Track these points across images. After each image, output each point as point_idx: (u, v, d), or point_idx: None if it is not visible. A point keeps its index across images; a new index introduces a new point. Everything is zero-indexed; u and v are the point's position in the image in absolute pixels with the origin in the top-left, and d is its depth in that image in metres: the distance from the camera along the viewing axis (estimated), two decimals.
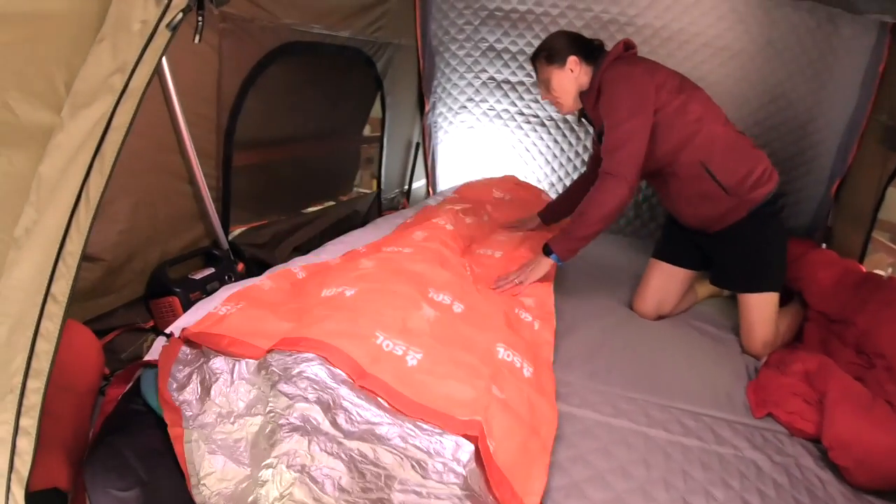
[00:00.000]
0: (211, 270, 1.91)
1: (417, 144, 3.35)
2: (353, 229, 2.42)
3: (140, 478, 1.13)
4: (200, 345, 1.33)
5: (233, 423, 1.19)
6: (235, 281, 1.91)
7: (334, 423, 1.08)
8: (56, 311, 1.06)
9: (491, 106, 3.28)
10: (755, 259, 1.96)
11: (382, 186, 3.09)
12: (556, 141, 3.18)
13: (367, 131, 3.05)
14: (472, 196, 2.83)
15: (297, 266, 1.78)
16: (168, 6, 1.09)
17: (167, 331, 1.44)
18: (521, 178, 3.28)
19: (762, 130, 2.64)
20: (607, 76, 1.87)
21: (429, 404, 1.15)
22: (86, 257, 1.55)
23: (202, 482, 1.14)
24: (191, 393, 1.25)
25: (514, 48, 3.00)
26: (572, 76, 1.94)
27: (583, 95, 1.98)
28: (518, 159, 3.35)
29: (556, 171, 3.26)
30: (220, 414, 1.20)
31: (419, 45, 3.00)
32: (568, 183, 3.23)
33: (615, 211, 1.81)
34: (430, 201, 2.91)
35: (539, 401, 1.34)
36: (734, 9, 2.49)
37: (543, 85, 2.02)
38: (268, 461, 1.09)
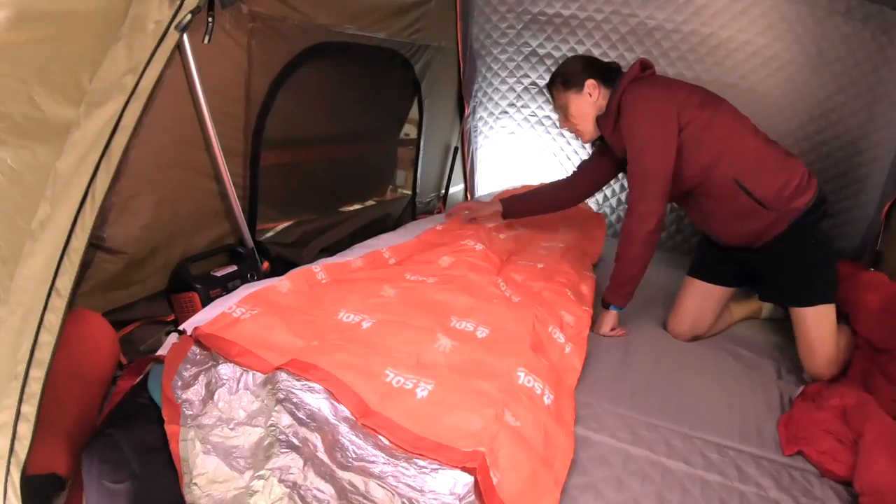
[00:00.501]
0: (233, 268, 1.94)
1: (456, 149, 3.34)
2: (385, 232, 2.43)
3: (133, 472, 1.16)
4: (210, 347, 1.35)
5: (232, 429, 1.22)
6: (258, 280, 1.93)
7: (331, 455, 1.09)
8: (59, 304, 1.09)
9: (532, 112, 3.25)
10: (804, 270, 1.86)
11: (418, 190, 3.09)
12: None
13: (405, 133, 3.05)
14: None
15: (319, 266, 1.80)
16: (180, 7, 1.12)
17: (181, 327, 1.46)
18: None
19: (811, 145, 2.54)
20: (626, 99, 1.84)
21: (433, 437, 1.14)
22: (108, 250, 1.63)
23: (194, 481, 1.17)
24: (195, 393, 1.27)
25: (557, 53, 2.96)
26: (591, 100, 1.94)
27: (600, 120, 1.96)
28: (559, 167, 3.31)
29: None
30: (221, 418, 1.23)
31: (459, 49, 2.98)
32: (608, 194, 3.17)
33: (648, 246, 1.84)
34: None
35: (556, 431, 1.31)
36: (784, 17, 2.40)
37: (562, 112, 2.02)
38: (261, 472, 1.11)
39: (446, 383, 1.29)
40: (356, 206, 2.73)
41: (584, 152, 3.19)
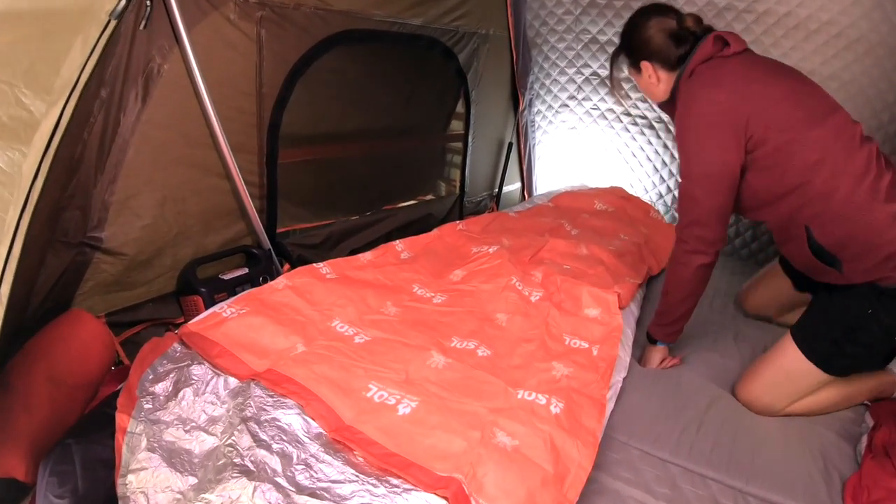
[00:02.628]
0: (244, 271, 1.92)
1: (510, 144, 3.21)
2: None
3: (76, 487, 1.16)
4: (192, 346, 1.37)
5: (187, 431, 1.20)
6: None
7: (290, 479, 1.06)
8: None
9: (594, 105, 3.08)
10: (838, 327, 1.50)
11: (466, 189, 3.00)
12: (665, 146, 2.92)
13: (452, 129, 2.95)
14: (569, 205, 2.76)
15: (324, 264, 1.79)
16: None
17: (175, 331, 1.45)
18: (628, 185, 3.11)
19: None
20: (683, 91, 1.53)
21: (408, 456, 1.11)
22: (106, 251, 1.63)
23: (129, 475, 1.15)
24: (161, 389, 1.28)
25: (618, 39, 2.74)
26: (651, 81, 1.64)
27: (664, 106, 1.69)
28: (624, 165, 3.13)
29: (665, 181, 2.99)
30: (180, 417, 1.22)
31: (511, 37, 2.85)
32: (678, 194, 2.94)
33: (699, 282, 1.60)
34: (516, 207, 2.79)
35: (566, 442, 1.21)
36: None
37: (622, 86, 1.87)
38: (206, 495, 1.08)
39: (432, 401, 1.24)
40: (394, 206, 2.66)
41: (650, 150, 2.99)
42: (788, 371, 1.53)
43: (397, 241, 2.04)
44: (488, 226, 2.36)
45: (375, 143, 2.48)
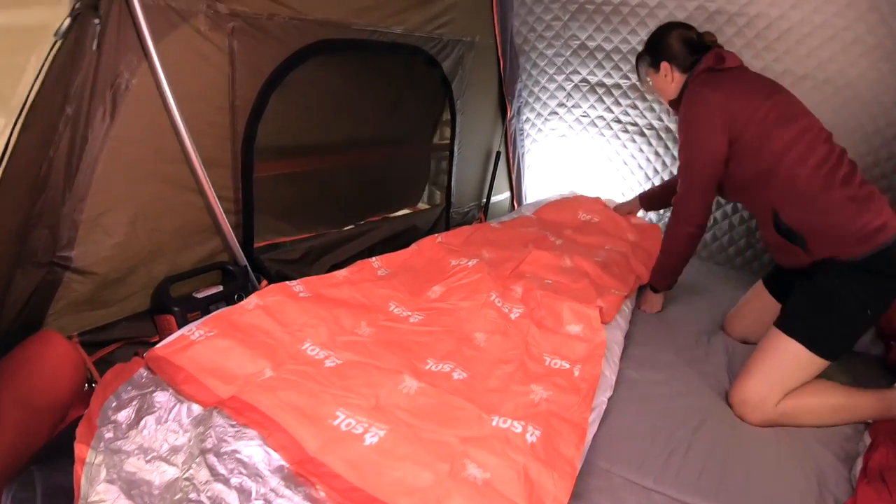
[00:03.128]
0: (218, 289, 1.89)
1: (499, 153, 3.20)
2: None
3: None
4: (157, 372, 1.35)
5: (148, 461, 1.18)
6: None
7: None
8: None
9: (584, 112, 3.07)
10: (813, 301, 1.68)
11: (453, 199, 2.98)
12: (657, 153, 2.91)
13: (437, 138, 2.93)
14: (553, 218, 2.73)
15: (297, 281, 1.76)
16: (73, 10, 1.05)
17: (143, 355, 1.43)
18: (619, 193, 3.12)
19: None
20: (686, 94, 1.89)
21: (371, 490, 1.08)
22: (76, 270, 1.60)
23: None
24: (124, 417, 1.25)
25: (608, 46, 2.76)
26: (667, 81, 1.97)
27: (673, 104, 2.03)
28: (615, 173, 3.12)
29: None
30: (142, 447, 1.20)
31: (498, 44, 2.83)
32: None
33: (690, 246, 1.98)
34: (502, 218, 2.76)
35: (541, 474, 1.17)
36: None
37: (644, 84, 2.10)
38: None
39: (401, 430, 1.21)
40: (378, 219, 2.64)
41: (642, 157, 2.97)
42: (776, 356, 1.64)
43: (374, 258, 2.01)
44: (469, 238, 2.33)
45: (358, 154, 2.46)
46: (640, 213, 2.74)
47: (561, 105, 3.11)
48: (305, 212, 2.35)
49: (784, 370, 1.62)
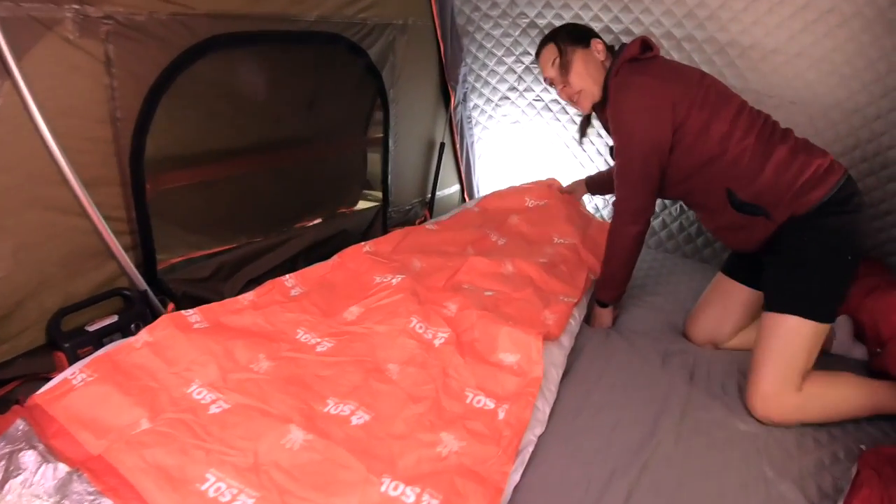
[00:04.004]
0: (113, 319, 1.79)
1: (443, 145, 3.10)
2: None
3: None
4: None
5: None
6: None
7: None
8: None
9: (538, 96, 2.98)
10: (791, 271, 1.70)
11: (391, 198, 2.87)
12: None
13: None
14: (497, 206, 2.63)
15: (195, 310, 1.67)
16: None
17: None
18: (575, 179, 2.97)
19: (887, 125, 2.12)
20: (615, 83, 1.81)
21: None
22: None
23: None
24: None
25: (558, 22, 2.64)
26: (598, 60, 1.90)
27: (596, 108, 1.96)
28: (573, 160, 3.06)
29: None
30: None
31: (437, 25, 2.72)
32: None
33: (636, 249, 1.93)
34: (443, 216, 2.67)
35: None
36: None
37: (563, 71, 1.92)
38: None
39: (272, 498, 1.12)
40: (301, 225, 2.55)
41: (600, 142, 2.87)
42: (779, 339, 1.62)
43: (288, 276, 1.91)
44: (400, 244, 2.22)
45: (275, 156, 2.35)
46: (586, 198, 2.72)
47: (512, 89, 3.02)
48: (222, 223, 2.26)
49: (792, 350, 1.61)
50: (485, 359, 1.60)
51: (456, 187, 3.36)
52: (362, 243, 2.16)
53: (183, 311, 1.64)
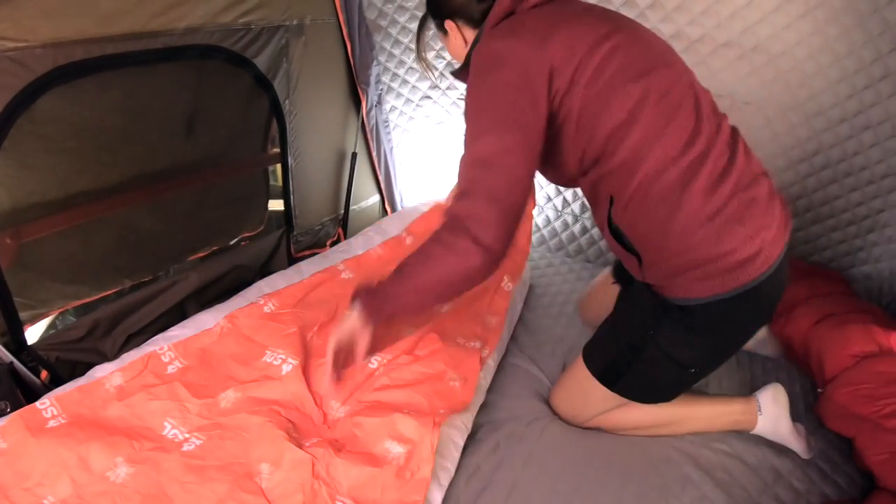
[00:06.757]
0: None
1: (354, 155, 3.03)
2: (244, 288, 2.25)
3: None
4: None
5: None
6: (10, 411, 1.68)
7: None
8: None
9: (462, 94, 2.90)
10: (617, 327, 1.70)
11: (296, 219, 2.80)
12: None
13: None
14: (427, 230, 2.52)
15: (50, 398, 1.57)
16: None
17: None
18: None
19: (852, 129, 2.15)
20: (475, 52, 1.40)
21: None
22: None
23: None
24: None
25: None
26: (460, 44, 1.58)
27: (459, 74, 1.59)
28: None
29: None
30: None
31: (342, 22, 2.65)
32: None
33: (458, 284, 1.32)
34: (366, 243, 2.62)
35: None
36: None
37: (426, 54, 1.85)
38: None
39: None
40: (195, 257, 2.51)
41: None
42: (580, 383, 1.72)
43: (166, 347, 1.78)
44: (307, 297, 2.10)
45: (156, 188, 2.25)
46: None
47: (434, 87, 2.97)
48: (101, 267, 2.21)
49: (588, 399, 1.73)
50: (364, 457, 1.48)
51: (375, 198, 3.30)
52: (262, 300, 2.03)
53: (38, 404, 1.54)
